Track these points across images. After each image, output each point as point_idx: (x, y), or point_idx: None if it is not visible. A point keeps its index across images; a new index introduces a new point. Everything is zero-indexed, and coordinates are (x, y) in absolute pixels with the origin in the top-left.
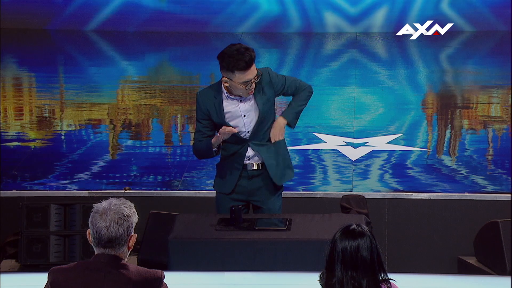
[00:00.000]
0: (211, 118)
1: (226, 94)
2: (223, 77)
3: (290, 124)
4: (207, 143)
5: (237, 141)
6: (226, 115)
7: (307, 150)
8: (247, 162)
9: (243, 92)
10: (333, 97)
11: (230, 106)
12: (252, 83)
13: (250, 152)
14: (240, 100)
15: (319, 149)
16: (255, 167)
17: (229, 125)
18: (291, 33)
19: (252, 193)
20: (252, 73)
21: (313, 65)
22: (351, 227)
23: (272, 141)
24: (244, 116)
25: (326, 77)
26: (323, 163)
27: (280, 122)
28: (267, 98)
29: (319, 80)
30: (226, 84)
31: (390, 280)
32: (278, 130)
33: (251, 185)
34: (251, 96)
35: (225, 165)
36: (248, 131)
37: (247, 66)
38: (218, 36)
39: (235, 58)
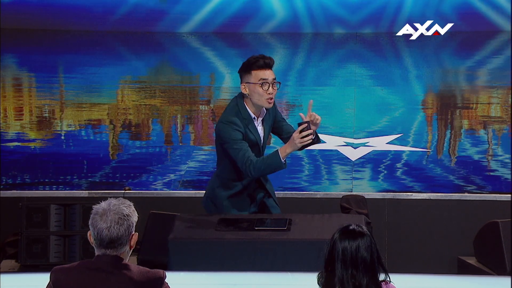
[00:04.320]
0: (247, 136)
1: (251, 113)
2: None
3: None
4: (274, 156)
5: None
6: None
7: (307, 150)
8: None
9: (261, 95)
10: (333, 97)
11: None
12: (270, 86)
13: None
14: (257, 125)
15: (319, 149)
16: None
17: (262, 144)
18: (293, 34)
19: (264, 200)
20: (270, 74)
21: (312, 65)
22: (351, 227)
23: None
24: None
25: (326, 78)
26: (323, 163)
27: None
28: (270, 125)
29: (318, 80)
30: (245, 91)
31: (388, 281)
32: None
33: (261, 193)
34: (261, 120)
35: (236, 194)
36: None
37: (265, 65)
38: (218, 36)
39: (255, 58)
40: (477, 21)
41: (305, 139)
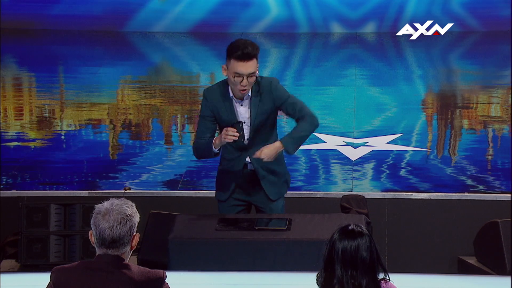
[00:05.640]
0: (219, 116)
1: (231, 95)
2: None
3: (288, 151)
4: (208, 143)
5: (238, 147)
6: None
7: (307, 150)
8: (247, 162)
9: (234, 85)
10: (333, 97)
11: (238, 105)
12: (244, 79)
13: (248, 160)
14: (241, 105)
15: (319, 149)
16: (253, 168)
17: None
18: (293, 33)
19: (253, 193)
20: (246, 67)
21: (312, 64)
22: (350, 227)
23: (258, 155)
24: (244, 122)
25: (326, 77)
26: (323, 163)
27: (276, 144)
28: (264, 109)
29: (319, 80)
30: (225, 73)
31: (387, 280)
32: (270, 150)
33: (251, 183)
34: (248, 102)
35: (224, 170)
36: (247, 138)
37: (242, 57)
38: (218, 36)
39: (236, 46)
40: (478, 21)
41: (229, 137)
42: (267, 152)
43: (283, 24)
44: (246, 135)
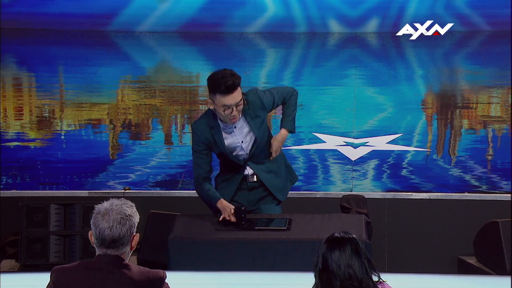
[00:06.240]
0: (211, 148)
1: (220, 123)
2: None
3: (292, 132)
4: (212, 201)
5: (236, 164)
6: (226, 142)
7: (307, 150)
8: (247, 173)
9: (224, 117)
10: (333, 97)
11: (227, 134)
12: (233, 109)
13: (249, 170)
14: (235, 127)
15: (319, 149)
16: (255, 179)
17: (229, 154)
18: (291, 33)
19: (251, 203)
20: (233, 98)
21: (311, 65)
22: (337, 235)
23: (274, 155)
24: (242, 142)
25: (326, 77)
26: (323, 163)
27: (283, 134)
28: (261, 120)
29: (319, 80)
30: (211, 106)
31: (382, 281)
32: (278, 142)
33: (250, 196)
34: (244, 122)
35: (224, 177)
36: (247, 154)
37: (227, 90)
38: (219, 36)
39: (218, 81)
40: (480, 20)
41: (226, 217)
42: (277, 146)
43: (280, 24)
44: (246, 151)
